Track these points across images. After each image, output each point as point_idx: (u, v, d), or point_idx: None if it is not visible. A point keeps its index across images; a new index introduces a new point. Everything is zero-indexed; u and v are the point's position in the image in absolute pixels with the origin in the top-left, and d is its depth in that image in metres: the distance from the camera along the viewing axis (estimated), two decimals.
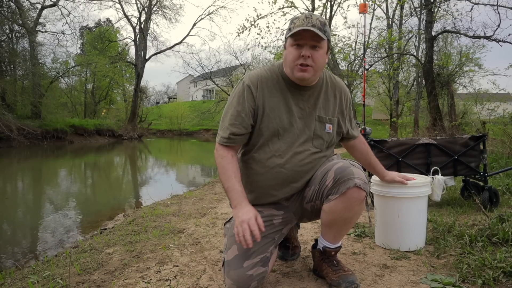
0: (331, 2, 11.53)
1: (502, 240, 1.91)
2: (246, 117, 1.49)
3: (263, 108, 1.51)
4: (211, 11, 32.72)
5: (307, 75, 1.45)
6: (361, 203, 1.44)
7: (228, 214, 3.07)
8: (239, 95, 1.51)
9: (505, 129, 6.46)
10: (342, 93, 1.63)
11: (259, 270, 1.43)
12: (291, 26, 1.43)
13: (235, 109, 1.50)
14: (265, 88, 1.52)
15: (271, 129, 1.51)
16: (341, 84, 1.65)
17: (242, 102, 1.50)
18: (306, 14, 1.43)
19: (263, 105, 1.50)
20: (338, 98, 1.61)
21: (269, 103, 1.51)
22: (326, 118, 1.56)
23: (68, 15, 23.05)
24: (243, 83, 1.52)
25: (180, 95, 56.89)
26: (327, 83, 1.60)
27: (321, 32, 1.39)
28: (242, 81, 1.54)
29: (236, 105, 1.50)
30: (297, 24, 1.40)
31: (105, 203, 5.53)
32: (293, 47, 1.43)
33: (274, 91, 1.52)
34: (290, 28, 1.43)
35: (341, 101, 1.62)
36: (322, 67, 1.49)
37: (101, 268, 1.90)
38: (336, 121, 1.61)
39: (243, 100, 1.50)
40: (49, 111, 19.30)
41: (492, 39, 8.53)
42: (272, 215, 1.57)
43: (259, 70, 1.57)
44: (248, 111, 1.49)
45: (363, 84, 4.30)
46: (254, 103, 1.50)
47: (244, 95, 1.50)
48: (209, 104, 36.29)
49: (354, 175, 1.40)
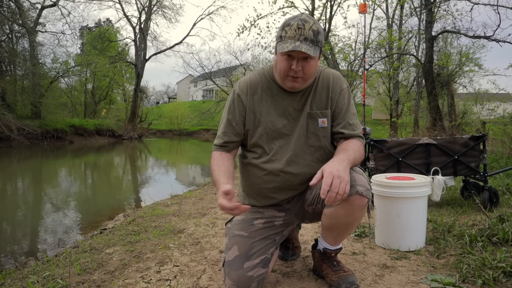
0: (331, 2, 11.50)
1: (502, 240, 1.91)
2: (236, 125, 1.53)
3: (254, 114, 1.52)
4: (211, 11, 32.81)
5: (297, 85, 1.44)
6: (363, 209, 1.43)
7: (228, 214, 3.06)
8: (230, 104, 1.55)
9: (505, 129, 6.46)
10: (330, 84, 1.54)
11: (259, 271, 1.43)
12: (282, 34, 1.37)
13: (227, 118, 1.55)
14: (255, 94, 1.53)
15: (265, 134, 1.51)
16: (329, 74, 1.56)
17: (233, 111, 1.54)
18: (299, 23, 1.34)
19: (254, 111, 1.52)
20: (326, 90, 1.53)
21: (260, 108, 1.52)
22: (317, 113, 1.51)
23: (68, 15, 23.11)
24: (234, 91, 1.56)
25: (180, 95, 56.90)
26: (318, 78, 1.54)
27: (313, 45, 1.34)
28: (233, 89, 1.57)
29: (227, 114, 1.55)
30: (289, 35, 1.34)
31: (105, 203, 5.53)
32: (284, 57, 1.39)
33: (265, 96, 1.53)
34: (281, 36, 1.37)
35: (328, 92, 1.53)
36: (314, 73, 1.45)
37: (101, 268, 1.90)
38: (330, 113, 1.54)
39: (233, 109, 1.54)
40: (49, 111, 19.29)
41: (492, 39, 8.53)
42: (274, 216, 1.58)
43: (249, 76, 1.58)
44: (239, 119, 1.53)
45: (363, 84, 4.30)
46: (244, 111, 1.53)
47: (235, 104, 1.54)
48: (209, 104, 36.28)
49: (356, 182, 1.37)
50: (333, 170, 1.25)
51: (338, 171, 1.25)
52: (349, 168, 1.35)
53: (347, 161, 1.34)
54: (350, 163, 1.36)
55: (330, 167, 1.27)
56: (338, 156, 1.38)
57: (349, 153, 1.40)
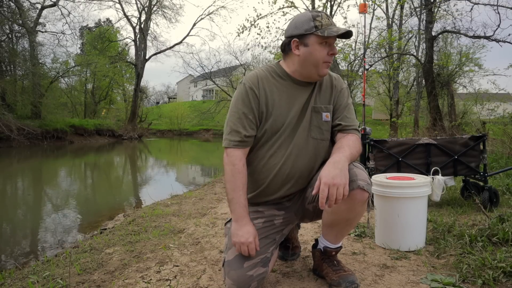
0: (331, 2, 11.51)
1: (502, 240, 1.91)
2: (253, 118, 1.50)
3: (266, 108, 1.52)
4: (211, 11, 32.88)
5: (328, 71, 1.53)
6: (364, 204, 1.44)
7: (228, 214, 3.07)
8: (243, 97, 1.50)
9: (505, 129, 6.47)
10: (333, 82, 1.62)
11: (259, 270, 1.43)
12: (316, 24, 1.43)
13: (241, 111, 1.49)
14: (266, 87, 1.53)
15: (274, 127, 1.52)
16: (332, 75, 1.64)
17: (248, 103, 1.49)
18: (323, 14, 1.46)
19: (266, 105, 1.52)
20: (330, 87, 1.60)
21: (271, 102, 1.52)
22: (321, 107, 1.55)
23: (68, 15, 23.13)
24: (244, 85, 1.51)
25: (180, 95, 56.89)
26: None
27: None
28: (243, 83, 1.53)
29: (242, 107, 1.50)
30: (325, 23, 1.44)
31: (105, 203, 5.53)
32: (322, 45, 1.45)
33: (274, 89, 1.53)
34: (317, 26, 1.43)
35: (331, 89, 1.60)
36: None
37: (101, 268, 1.90)
38: (332, 109, 1.60)
39: (248, 101, 1.49)
40: (49, 111, 19.30)
41: (492, 39, 8.53)
42: (273, 215, 1.58)
43: (257, 71, 1.57)
44: (256, 112, 1.50)
45: (363, 84, 4.29)
46: (258, 104, 1.51)
47: (249, 96, 1.50)
48: (209, 104, 36.27)
49: (357, 177, 1.39)
50: (328, 180, 1.27)
51: (333, 179, 1.26)
52: (347, 165, 1.36)
53: (344, 159, 1.36)
54: (347, 160, 1.37)
55: (326, 175, 1.29)
56: (333, 156, 1.39)
57: (344, 150, 1.42)
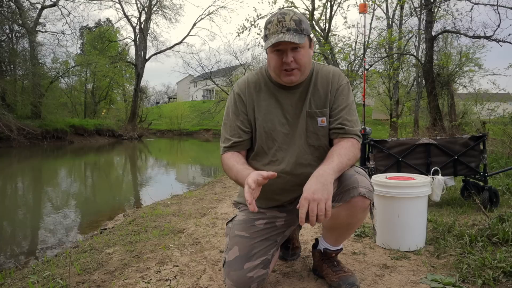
0: (331, 2, 11.51)
1: (502, 240, 1.91)
2: (242, 124, 1.51)
3: (254, 113, 1.51)
4: (211, 11, 32.92)
5: (294, 78, 1.42)
6: (365, 211, 1.43)
7: (228, 214, 3.07)
8: (232, 105, 1.54)
9: (505, 129, 6.47)
10: (329, 81, 1.52)
11: (259, 272, 1.43)
12: (266, 33, 1.38)
13: (231, 118, 1.53)
14: (254, 93, 1.52)
15: (264, 134, 1.50)
16: (329, 71, 1.53)
17: (235, 110, 1.53)
18: (279, 17, 1.35)
19: (254, 110, 1.51)
20: (325, 87, 1.51)
21: (260, 108, 1.51)
22: (316, 112, 1.49)
23: (68, 15, 23.17)
24: (233, 91, 1.55)
25: (180, 95, 56.88)
26: (316, 74, 1.52)
27: (297, 33, 1.34)
28: (232, 89, 1.57)
29: (231, 114, 1.54)
30: (272, 31, 1.35)
31: (105, 203, 5.53)
32: (274, 53, 1.39)
33: (263, 95, 1.52)
34: (266, 35, 1.39)
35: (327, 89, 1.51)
36: (308, 64, 1.45)
37: (101, 268, 1.90)
38: (328, 112, 1.51)
39: (236, 108, 1.53)
40: (49, 111, 19.28)
41: (492, 39, 8.53)
42: (275, 217, 1.57)
43: (247, 76, 1.58)
44: (243, 118, 1.52)
45: (363, 84, 4.30)
46: (245, 109, 1.52)
47: (236, 103, 1.53)
48: (209, 104, 36.29)
49: (358, 184, 1.37)
50: (308, 194, 1.22)
51: (314, 193, 1.21)
52: (333, 178, 1.30)
53: (329, 171, 1.29)
54: (333, 172, 1.30)
55: (307, 189, 1.24)
56: (319, 168, 1.32)
57: (332, 161, 1.35)
